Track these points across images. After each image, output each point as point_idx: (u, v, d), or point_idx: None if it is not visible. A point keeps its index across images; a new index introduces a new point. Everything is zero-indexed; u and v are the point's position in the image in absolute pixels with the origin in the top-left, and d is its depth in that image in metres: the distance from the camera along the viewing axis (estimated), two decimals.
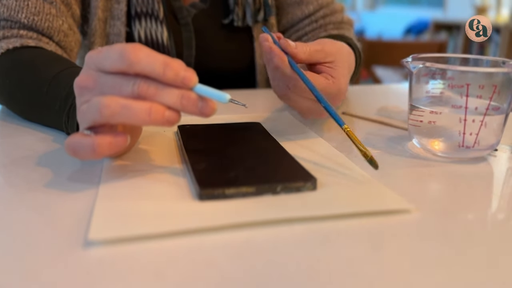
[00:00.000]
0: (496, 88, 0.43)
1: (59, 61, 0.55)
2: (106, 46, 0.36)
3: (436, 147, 0.46)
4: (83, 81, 0.36)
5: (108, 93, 0.35)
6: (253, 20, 0.80)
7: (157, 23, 0.72)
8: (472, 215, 0.35)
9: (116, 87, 0.35)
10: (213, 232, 0.31)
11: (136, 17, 0.71)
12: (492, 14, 3.93)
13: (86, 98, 0.36)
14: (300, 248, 0.30)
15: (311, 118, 0.54)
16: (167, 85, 0.35)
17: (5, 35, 0.60)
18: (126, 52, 0.34)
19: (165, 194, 0.36)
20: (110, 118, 0.34)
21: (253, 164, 0.40)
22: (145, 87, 0.34)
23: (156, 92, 0.34)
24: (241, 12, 0.79)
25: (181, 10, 0.76)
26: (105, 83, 0.35)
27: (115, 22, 0.72)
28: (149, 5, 0.71)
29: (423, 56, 0.48)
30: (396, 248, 0.30)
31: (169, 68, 0.34)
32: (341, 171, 0.42)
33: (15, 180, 0.40)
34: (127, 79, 0.35)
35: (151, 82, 0.35)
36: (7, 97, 0.57)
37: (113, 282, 0.26)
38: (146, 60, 0.34)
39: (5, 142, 0.50)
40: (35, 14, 0.61)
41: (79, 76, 0.37)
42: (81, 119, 0.37)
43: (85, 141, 0.35)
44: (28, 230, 0.31)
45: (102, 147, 0.35)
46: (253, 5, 0.79)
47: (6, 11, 0.61)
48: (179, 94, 0.35)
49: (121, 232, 0.30)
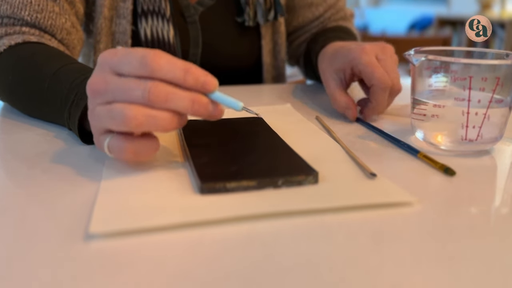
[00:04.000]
0: (499, 80, 0.43)
1: (60, 56, 0.55)
2: (123, 49, 0.37)
3: (439, 141, 0.46)
4: (95, 85, 0.36)
5: (119, 97, 0.35)
6: (264, 20, 0.79)
7: (164, 21, 0.71)
8: (475, 209, 0.35)
9: (127, 92, 0.35)
10: (214, 226, 0.31)
11: (142, 15, 0.71)
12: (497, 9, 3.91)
13: (99, 101, 0.37)
14: (301, 241, 0.30)
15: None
16: (178, 89, 0.35)
17: (7, 32, 0.60)
18: (148, 59, 0.34)
19: (166, 188, 0.36)
20: (135, 128, 0.35)
21: (254, 158, 0.40)
22: (156, 93, 0.34)
23: (167, 98, 0.35)
24: (252, 12, 0.78)
25: (188, 8, 0.76)
26: (116, 87, 0.35)
27: (121, 21, 0.72)
28: (156, 3, 0.71)
29: (426, 49, 0.48)
30: (398, 241, 0.30)
31: (189, 74, 0.35)
32: (343, 164, 0.42)
33: (17, 175, 0.40)
34: (137, 83, 0.35)
35: (161, 88, 0.35)
36: (9, 94, 0.57)
37: (114, 275, 0.26)
38: (167, 67, 0.35)
39: (7, 137, 0.50)
40: (38, 12, 0.61)
41: (92, 78, 0.37)
42: (97, 122, 0.37)
43: (148, 143, 0.37)
44: (29, 224, 0.31)
45: (157, 147, 0.38)
46: (264, 5, 0.78)
47: (9, 8, 0.60)
48: (191, 99, 0.35)
49: (122, 225, 0.30)
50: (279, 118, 0.55)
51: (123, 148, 0.36)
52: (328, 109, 0.63)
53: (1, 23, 0.61)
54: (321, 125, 0.55)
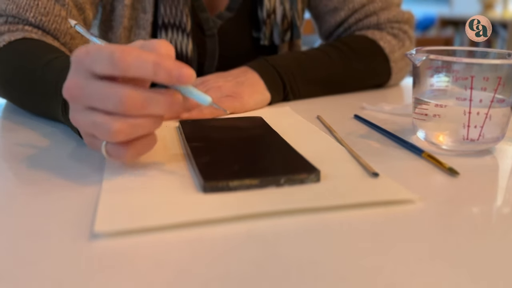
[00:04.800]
0: (501, 80, 0.43)
1: (56, 50, 0.55)
2: (93, 46, 0.35)
3: (441, 140, 0.46)
4: (71, 90, 0.36)
5: (96, 105, 0.35)
6: (280, 40, 0.79)
7: (184, 36, 0.71)
8: (476, 208, 0.35)
9: (103, 101, 0.34)
10: (216, 224, 0.31)
11: (162, 28, 0.71)
12: (499, 9, 3.90)
13: (79, 107, 0.36)
14: (303, 239, 0.30)
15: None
16: (152, 92, 0.34)
17: (10, 29, 0.60)
18: (116, 57, 0.33)
19: (168, 187, 0.36)
20: (123, 139, 0.35)
21: (256, 157, 0.40)
22: (130, 103, 0.34)
23: (142, 106, 0.34)
24: (268, 31, 0.78)
25: (208, 21, 0.75)
26: (91, 94, 0.35)
27: (140, 31, 0.72)
28: (177, 17, 0.70)
29: (427, 49, 0.48)
30: (400, 240, 0.30)
31: (160, 69, 0.34)
32: (345, 164, 0.42)
33: (20, 174, 0.40)
34: (111, 91, 0.34)
35: (135, 96, 0.34)
36: (3, 84, 0.58)
37: (119, 273, 0.26)
38: (136, 64, 0.33)
39: (9, 136, 0.50)
40: (43, 15, 0.61)
41: (67, 81, 0.36)
42: (83, 128, 0.37)
43: (146, 140, 0.37)
44: (33, 223, 0.32)
45: (155, 140, 0.38)
46: (281, 26, 0.78)
47: (15, 8, 0.60)
48: (167, 102, 0.35)
49: (126, 225, 0.30)
50: (278, 119, 0.55)
51: (122, 153, 0.36)
52: (329, 109, 0.63)
53: (5, 21, 0.61)
54: (322, 124, 0.55)
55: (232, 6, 0.77)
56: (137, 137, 0.36)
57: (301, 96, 0.68)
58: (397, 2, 0.81)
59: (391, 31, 0.79)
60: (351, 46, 0.75)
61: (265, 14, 0.76)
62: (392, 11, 0.79)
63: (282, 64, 0.67)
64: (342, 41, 0.76)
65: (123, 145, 0.36)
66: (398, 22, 0.80)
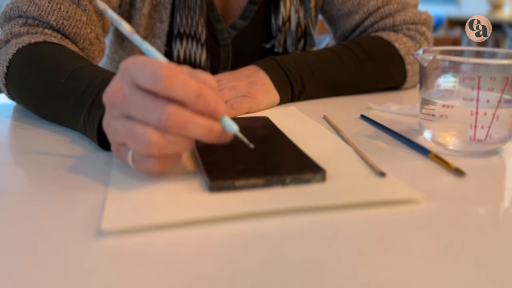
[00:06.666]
0: (508, 80, 0.43)
1: (81, 58, 0.55)
2: (143, 58, 0.36)
3: (448, 141, 0.46)
4: (113, 96, 0.36)
5: (135, 114, 0.35)
6: (294, 48, 0.79)
7: (198, 45, 0.72)
8: (483, 208, 0.35)
9: (143, 112, 0.34)
10: (222, 223, 0.31)
11: (178, 37, 0.71)
12: (508, 9, 3.87)
13: (116, 114, 0.36)
14: (309, 238, 0.30)
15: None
16: (194, 115, 0.35)
17: (29, 31, 0.60)
18: (161, 76, 0.33)
19: (175, 186, 0.37)
20: (157, 152, 0.35)
21: (262, 157, 0.40)
22: (174, 120, 0.34)
23: (185, 126, 0.34)
24: (282, 39, 0.78)
25: (222, 31, 0.76)
26: (133, 103, 0.35)
27: (155, 40, 0.72)
28: (192, 28, 0.71)
29: (435, 49, 0.48)
30: (406, 239, 0.30)
31: (201, 99, 0.34)
32: (351, 163, 0.42)
33: (29, 173, 0.41)
34: (155, 104, 0.34)
35: (179, 114, 0.34)
36: (20, 89, 0.57)
37: (126, 271, 0.26)
38: (180, 89, 0.34)
39: (18, 137, 0.51)
40: (65, 19, 0.61)
41: (110, 86, 0.36)
42: (115, 136, 0.37)
43: (174, 157, 0.37)
44: (41, 220, 0.32)
45: (181, 157, 0.38)
46: (295, 34, 0.78)
47: (36, 10, 0.60)
48: (207, 127, 0.35)
49: (133, 222, 0.31)
50: (285, 119, 0.55)
51: (150, 165, 0.36)
52: (335, 109, 0.63)
53: (25, 22, 0.61)
54: (329, 124, 0.55)
55: (246, 15, 0.77)
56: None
57: (308, 99, 0.69)
58: (414, 3, 0.80)
59: (407, 33, 0.77)
60: (364, 47, 0.73)
61: (281, 21, 0.77)
62: (409, 12, 0.78)
63: (291, 68, 0.67)
64: (355, 42, 0.75)
65: (152, 157, 0.36)
66: (414, 24, 0.78)
